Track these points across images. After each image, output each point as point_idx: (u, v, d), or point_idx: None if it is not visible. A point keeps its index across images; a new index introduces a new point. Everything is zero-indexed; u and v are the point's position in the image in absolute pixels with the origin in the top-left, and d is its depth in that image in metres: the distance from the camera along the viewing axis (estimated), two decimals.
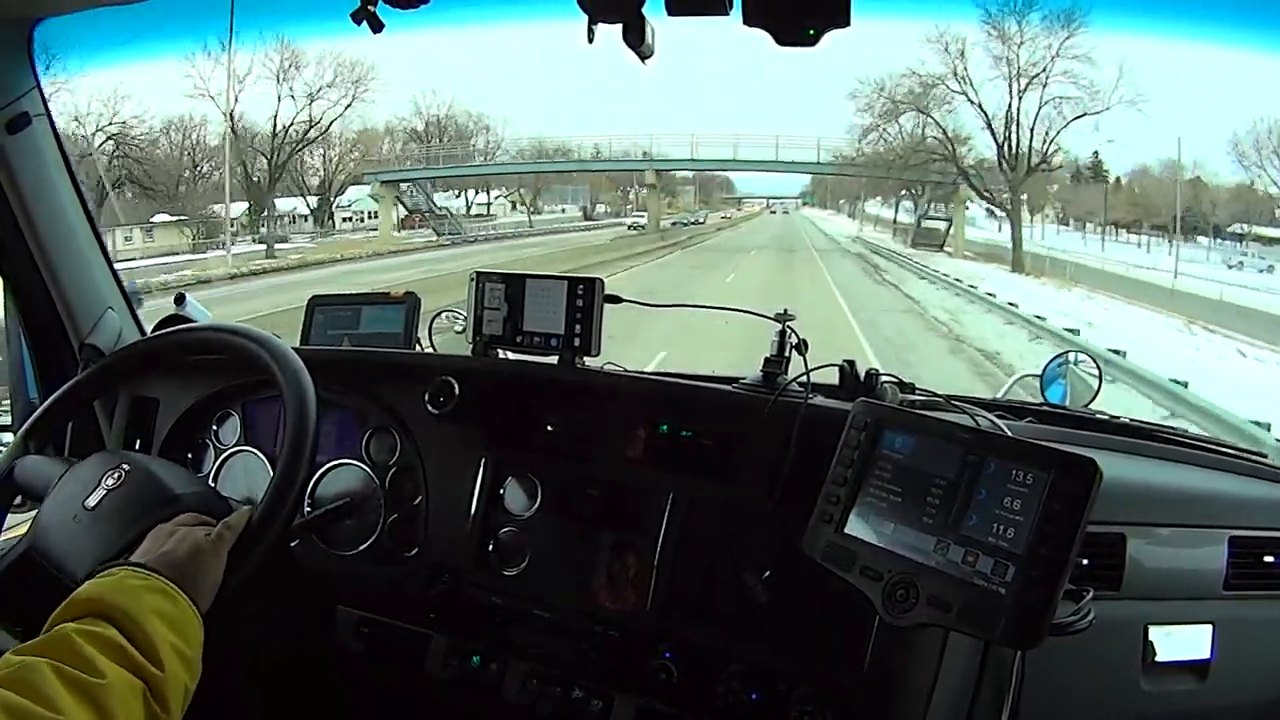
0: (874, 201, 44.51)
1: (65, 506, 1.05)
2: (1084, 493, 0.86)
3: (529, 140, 30.96)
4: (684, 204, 50.52)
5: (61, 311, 1.51)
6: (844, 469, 0.99)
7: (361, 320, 1.64)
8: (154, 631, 0.79)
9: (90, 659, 0.73)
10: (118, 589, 0.82)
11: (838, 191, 48.54)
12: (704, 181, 53.96)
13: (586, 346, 1.28)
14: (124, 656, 0.76)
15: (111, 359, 1.27)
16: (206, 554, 0.92)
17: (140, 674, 0.76)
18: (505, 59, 32.27)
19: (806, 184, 54.10)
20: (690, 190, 53.16)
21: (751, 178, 50.19)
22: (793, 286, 17.59)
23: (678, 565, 1.18)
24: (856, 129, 25.92)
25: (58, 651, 0.73)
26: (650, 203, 33.93)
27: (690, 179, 52.20)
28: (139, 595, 0.82)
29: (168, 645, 0.79)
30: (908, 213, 31.41)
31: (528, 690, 1.22)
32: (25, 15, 1.34)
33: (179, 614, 0.83)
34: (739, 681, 1.11)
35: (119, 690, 0.73)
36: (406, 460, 1.36)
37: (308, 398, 1.05)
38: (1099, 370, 1.55)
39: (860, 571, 0.95)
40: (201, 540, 0.93)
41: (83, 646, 0.74)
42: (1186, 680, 1.18)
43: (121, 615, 0.79)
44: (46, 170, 1.44)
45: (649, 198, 34.04)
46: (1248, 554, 1.20)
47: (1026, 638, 0.87)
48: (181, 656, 0.80)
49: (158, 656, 0.78)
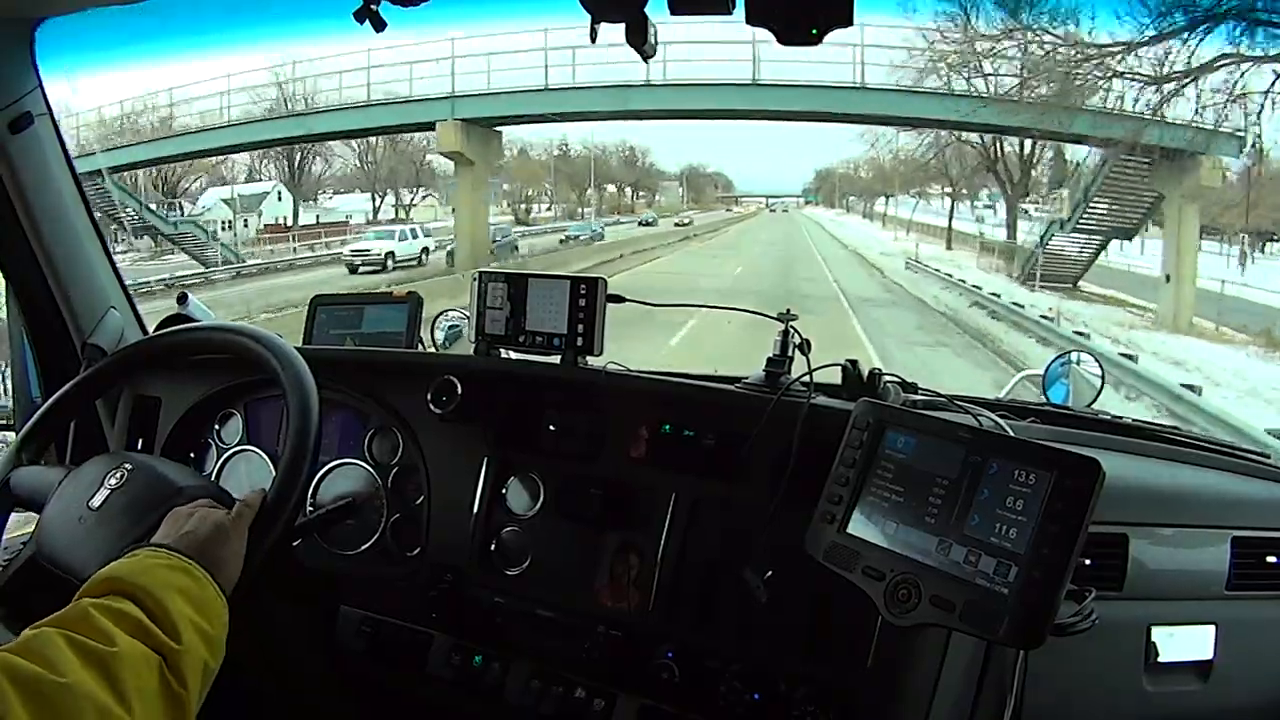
0: (869, 201, 39.53)
1: (68, 510, 1.05)
2: (1086, 493, 0.86)
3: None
4: (668, 203, 46.73)
5: (64, 311, 1.51)
6: (846, 469, 0.99)
7: (364, 320, 1.64)
8: (173, 607, 0.79)
9: (104, 629, 0.73)
10: (139, 568, 0.82)
11: (844, 188, 43.90)
12: (690, 177, 50.27)
13: (589, 346, 1.28)
14: (140, 629, 0.75)
15: (114, 358, 1.27)
16: (228, 532, 0.92)
17: (158, 648, 0.75)
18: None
19: (809, 180, 50.02)
20: (673, 187, 49.04)
21: (751, 174, 46.34)
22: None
23: (680, 565, 1.18)
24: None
25: (73, 623, 0.73)
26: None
27: (674, 175, 48.53)
28: (160, 573, 0.82)
29: (187, 620, 0.79)
30: (958, 218, 24.51)
31: (530, 690, 1.22)
32: (27, 15, 1.34)
33: (201, 591, 0.83)
34: (741, 681, 1.11)
35: (131, 660, 0.72)
36: (409, 460, 1.36)
37: (310, 397, 1.05)
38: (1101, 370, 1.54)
39: (862, 571, 0.95)
40: (222, 519, 0.93)
41: (98, 619, 0.74)
42: (1189, 680, 1.18)
43: (142, 592, 0.78)
44: (49, 170, 1.45)
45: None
46: (1250, 554, 1.20)
47: (1029, 638, 0.87)
48: (202, 633, 0.80)
49: (175, 630, 0.77)
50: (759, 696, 1.10)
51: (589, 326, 1.28)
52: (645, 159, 45.37)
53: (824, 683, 1.08)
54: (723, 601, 1.16)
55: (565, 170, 39.35)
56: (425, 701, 1.32)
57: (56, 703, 0.66)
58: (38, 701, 0.66)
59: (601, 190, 42.07)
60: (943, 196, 28.42)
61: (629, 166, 44.48)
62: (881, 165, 32.21)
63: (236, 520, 0.94)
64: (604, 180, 41.96)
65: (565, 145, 39.44)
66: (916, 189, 30.84)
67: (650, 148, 40.52)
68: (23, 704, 0.65)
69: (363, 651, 1.33)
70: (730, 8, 0.95)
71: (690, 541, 1.18)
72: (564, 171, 38.81)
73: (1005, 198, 21.73)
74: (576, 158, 39.52)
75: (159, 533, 0.92)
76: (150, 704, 0.72)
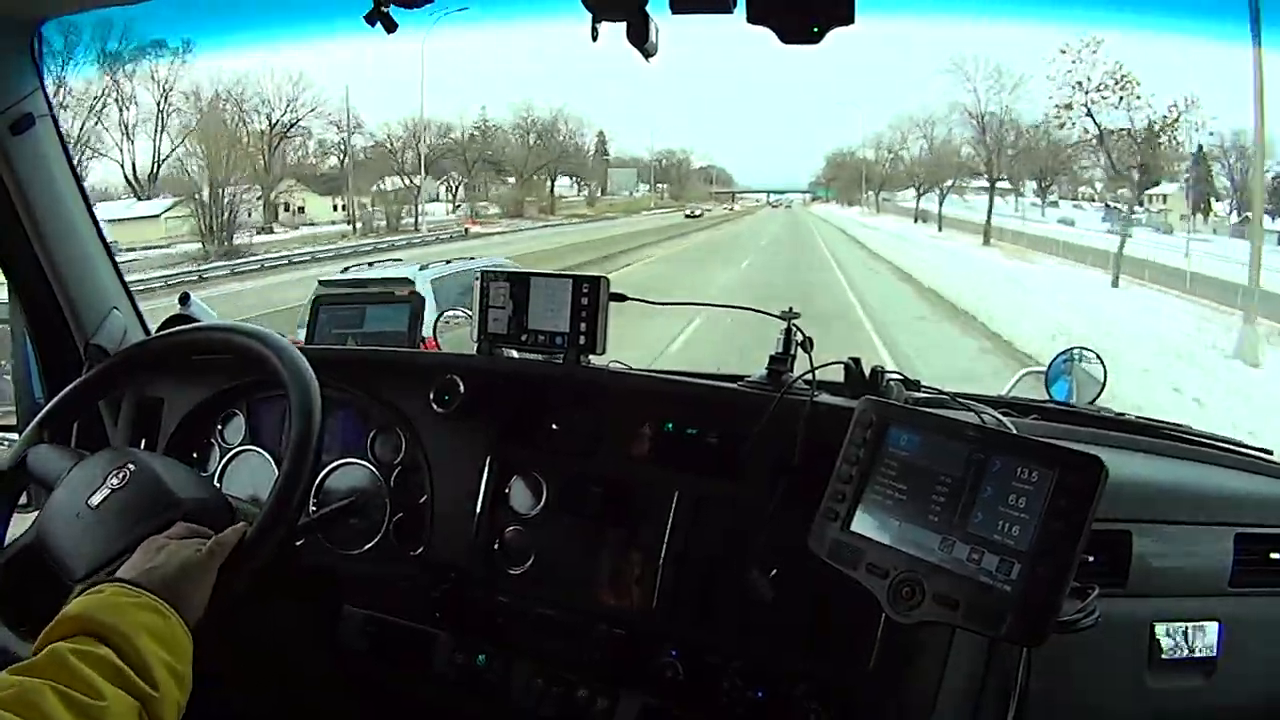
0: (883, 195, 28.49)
1: (70, 501, 1.05)
2: (1089, 490, 0.86)
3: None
4: (638, 201, 36.43)
5: (66, 311, 1.51)
6: (849, 467, 0.99)
7: (366, 319, 1.64)
8: (146, 649, 0.79)
9: (89, 680, 0.74)
10: (106, 606, 0.82)
11: (871, 180, 30.60)
12: (672, 167, 39.89)
13: (591, 345, 1.28)
14: (120, 676, 0.76)
15: (117, 358, 1.27)
16: (196, 570, 0.92)
17: (136, 694, 0.76)
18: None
19: (818, 173, 38.32)
20: (625, 174, 36.99)
21: (753, 168, 36.42)
22: None
23: (683, 564, 1.18)
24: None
25: (55, 673, 0.73)
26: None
27: (631, 161, 36.24)
28: (129, 612, 0.82)
29: (160, 663, 0.80)
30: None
31: (533, 689, 1.22)
32: (29, 16, 1.34)
33: (169, 630, 0.84)
34: (744, 680, 1.11)
35: (118, 712, 0.74)
36: (411, 459, 1.36)
37: (312, 397, 1.05)
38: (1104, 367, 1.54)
39: (866, 569, 0.95)
40: (191, 556, 0.93)
41: (79, 668, 0.74)
42: (1193, 678, 1.17)
43: (113, 633, 0.79)
44: (50, 170, 1.45)
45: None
46: (1254, 551, 1.20)
47: (1032, 635, 0.87)
48: (174, 673, 0.81)
49: (152, 676, 0.78)
50: (762, 695, 1.10)
51: (591, 325, 1.28)
52: (576, 133, 33.26)
53: (827, 681, 1.08)
54: (726, 600, 1.16)
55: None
56: (428, 701, 1.32)
57: None
58: None
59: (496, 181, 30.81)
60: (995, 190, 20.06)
61: (544, 144, 31.81)
62: (934, 144, 24.81)
63: (208, 559, 0.94)
64: (497, 163, 31.16)
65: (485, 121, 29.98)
66: (949, 181, 23.58)
67: (615, 131, 31.02)
68: None
69: (365, 651, 1.33)
70: (731, 6, 0.95)
71: (693, 540, 1.18)
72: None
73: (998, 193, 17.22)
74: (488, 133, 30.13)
75: (129, 563, 0.93)
76: None
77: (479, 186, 30.89)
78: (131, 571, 0.91)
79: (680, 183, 41.20)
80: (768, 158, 52.86)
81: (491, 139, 30.78)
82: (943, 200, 24.79)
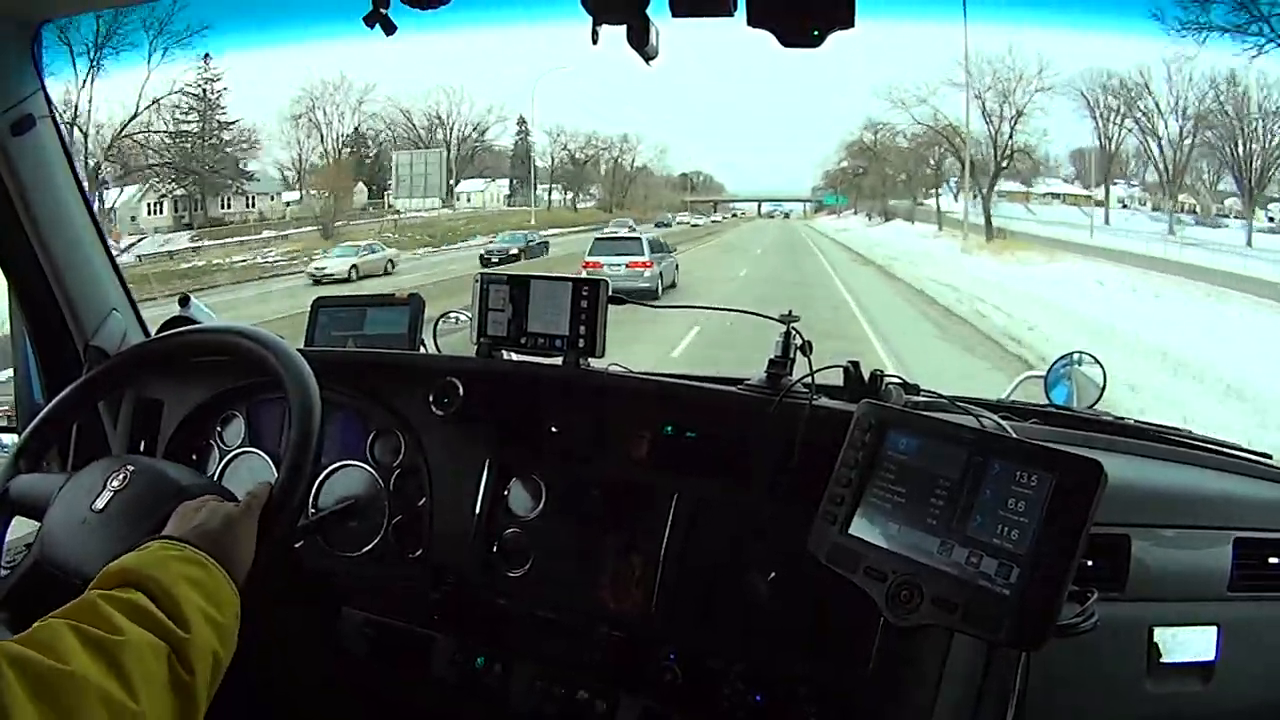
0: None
1: (71, 513, 1.04)
2: (1088, 494, 0.86)
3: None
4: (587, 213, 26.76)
5: (66, 313, 1.51)
6: (848, 470, 0.99)
7: (366, 322, 1.64)
8: (182, 596, 0.78)
9: (111, 619, 0.72)
10: (150, 560, 0.82)
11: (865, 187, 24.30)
12: (649, 176, 29.74)
13: (591, 348, 1.28)
14: (147, 618, 0.75)
15: (116, 360, 1.27)
16: (238, 524, 0.92)
17: (165, 636, 0.74)
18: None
19: (819, 180, 28.23)
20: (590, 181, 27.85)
21: (749, 175, 30.82)
22: None
23: (682, 566, 1.18)
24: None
25: (80, 614, 0.72)
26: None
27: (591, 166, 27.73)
28: (172, 564, 0.81)
29: (196, 609, 0.78)
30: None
31: (532, 692, 1.22)
32: (30, 17, 1.34)
33: (211, 581, 0.83)
34: (743, 682, 1.11)
35: (137, 648, 0.72)
36: (411, 462, 1.36)
37: (312, 399, 1.05)
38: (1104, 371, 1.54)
39: (864, 572, 0.95)
40: (231, 511, 0.93)
41: (106, 609, 0.73)
42: (1192, 682, 1.17)
43: (152, 583, 0.78)
44: (51, 172, 1.44)
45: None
46: (1253, 555, 1.20)
47: (1031, 639, 0.87)
48: (211, 622, 0.79)
49: (184, 619, 0.77)
50: (761, 698, 1.10)
51: (590, 328, 1.28)
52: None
53: (826, 684, 1.08)
54: (725, 603, 1.16)
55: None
56: (427, 703, 1.32)
57: (61, 690, 0.66)
58: (42, 689, 0.65)
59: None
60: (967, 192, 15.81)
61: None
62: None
63: (245, 512, 0.94)
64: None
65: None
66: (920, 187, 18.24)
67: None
68: (27, 692, 0.64)
69: (365, 653, 1.33)
70: (731, 10, 0.95)
71: (692, 543, 1.18)
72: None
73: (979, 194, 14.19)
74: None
75: (169, 526, 0.92)
76: (157, 692, 0.72)
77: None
78: (175, 531, 0.90)
79: (653, 189, 30.38)
80: (765, 160, 50.71)
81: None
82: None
